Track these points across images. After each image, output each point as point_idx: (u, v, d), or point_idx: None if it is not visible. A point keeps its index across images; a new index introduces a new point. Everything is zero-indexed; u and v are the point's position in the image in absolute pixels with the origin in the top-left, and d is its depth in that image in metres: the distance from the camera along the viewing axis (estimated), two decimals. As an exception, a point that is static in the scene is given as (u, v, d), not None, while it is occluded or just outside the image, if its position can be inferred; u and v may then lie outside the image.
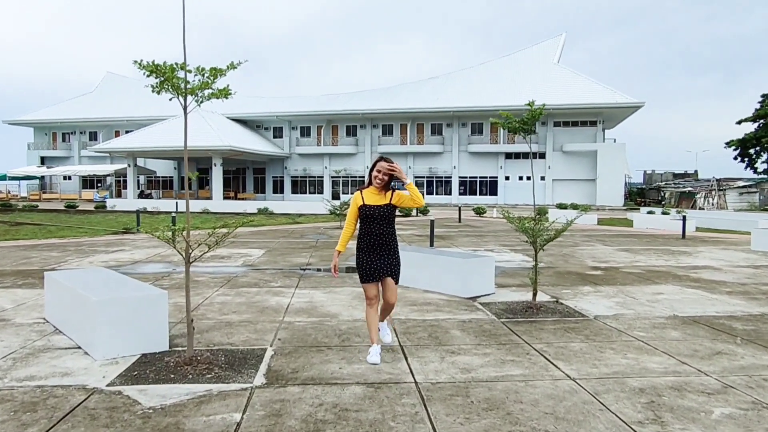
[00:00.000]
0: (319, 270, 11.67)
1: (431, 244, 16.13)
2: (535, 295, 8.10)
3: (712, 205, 48.36)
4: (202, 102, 5.35)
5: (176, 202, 35.49)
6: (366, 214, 5.39)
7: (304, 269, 11.78)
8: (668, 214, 27.05)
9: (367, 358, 5.49)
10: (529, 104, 7.83)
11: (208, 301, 8.41)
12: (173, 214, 17.60)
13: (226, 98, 5.48)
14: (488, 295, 9.04)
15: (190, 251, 5.51)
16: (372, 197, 5.41)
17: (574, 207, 31.90)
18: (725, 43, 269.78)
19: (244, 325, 6.96)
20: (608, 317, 7.54)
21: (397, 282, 5.55)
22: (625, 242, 18.14)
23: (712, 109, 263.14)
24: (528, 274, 10.96)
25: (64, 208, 35.64)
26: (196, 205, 34.74)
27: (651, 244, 17.57)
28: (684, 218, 19.60)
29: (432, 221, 16.61)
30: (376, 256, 5.41)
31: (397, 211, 5.58)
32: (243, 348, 5.95)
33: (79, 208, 35.85)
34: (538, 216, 8.09)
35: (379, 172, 5.34)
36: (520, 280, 10.53)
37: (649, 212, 27.89)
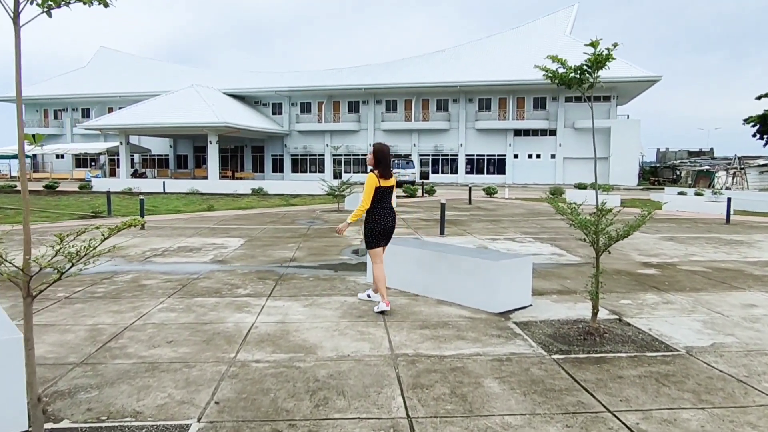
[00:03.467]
0: (303, 267, 9.35)
1: (441, 232, 13.79)
2: (595, 314, 5.79)
3: (737, 184, 45.83)
4: (51, 7, 2.98)
5: (163, 182, 33.10)
6: (380, 192, 6.51)
7: (286, 266, 9.48)
8: (702, 195, 24.62)
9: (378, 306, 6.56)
10: (592, 44, 5.46)
11: (141, 321, 6.11)
12: (141, 198, 15.23)
13: (106, 5, 3.14)
14: (524, 308, 6.74)
15: (29, 277, 3.14)
16: (384, 180, 6.53)
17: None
18: (731, 20, 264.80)
19: (173, 369, 4.66)
20: (706, 351, 5.23)
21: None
22: (664, 228, 15.76)
23: (721, 86, 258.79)
24: (568, 274, 8.66)
25: (42, 189, 33.30)
26: (185, 185, 32.37)
27: (694, 231, 15.22)
28: (729, 201, 17.19)
29: (443, 204, 14.26)
30: (384, 225, 6.58)
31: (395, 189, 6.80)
32: (150, 425, 3.66)
33: (59, 189, 33.51)
34: (603, 205, 5.76)
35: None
36: (558, 284, 8.22)
37: (680, 193, 25.48)
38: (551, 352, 5.17)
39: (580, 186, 29.86)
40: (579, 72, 5.65)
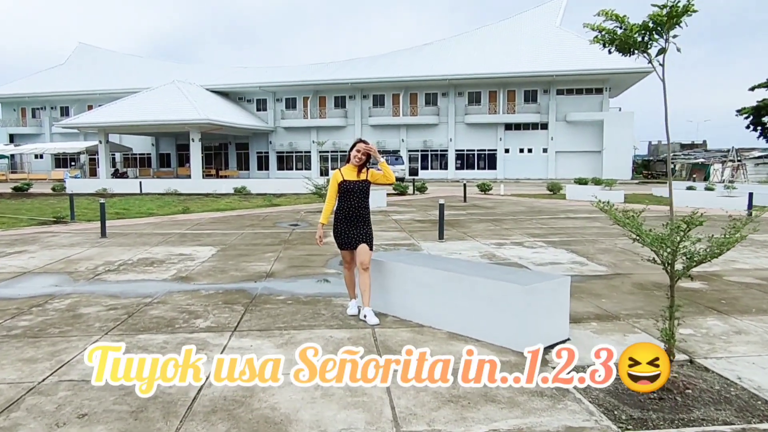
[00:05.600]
0: (281, 285, 7.78)
1: (440, 236, 12.28)
2: (670, 361, 4.29)
3: (737, 177, 44.59)
4: None
5: (140, 182, 31.31)
6: (345, 188, 5.98)
7: (262, 282, 7.91)
8: (713, 189, 23.23)
9: (347, 311, 6.30)
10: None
11: (56, 376, 4.54)
12: (102, 201, 13.57)
13: None
14: (562, 344, 5.24)
15: None
16: (350, 174, 6.00)
17: (597, 182, 27.82)
18: (715, 14, 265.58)
19: (71, 473, 3.11)
20: (836, 417, 3.75)
21: (371, 248, 6.08)
22: (683, 228, 14.31)
23: (707, 79, 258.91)
24: (600, 291, 7.13)
25: (7, 191, 31.47)
26: (163, 185, 30.62)
27: (719, 231, 13.78)
28: (750, 196, 15.78)
29: (441, 205, 12.71)
30: (353, 226, 6.00)
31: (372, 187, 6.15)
32: None
33: (30, 191, 31.72)
34: (692, 216, 4.28)
35: (358, 151, 5.96)
36: (593, 305, 6.73)
37: (689, 188, 24.06)
38: (621, 423, 3.66)
39: (581, 181, 28.27)
40: (644, 33, 4.12)
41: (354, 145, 6.03)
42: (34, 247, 11.49)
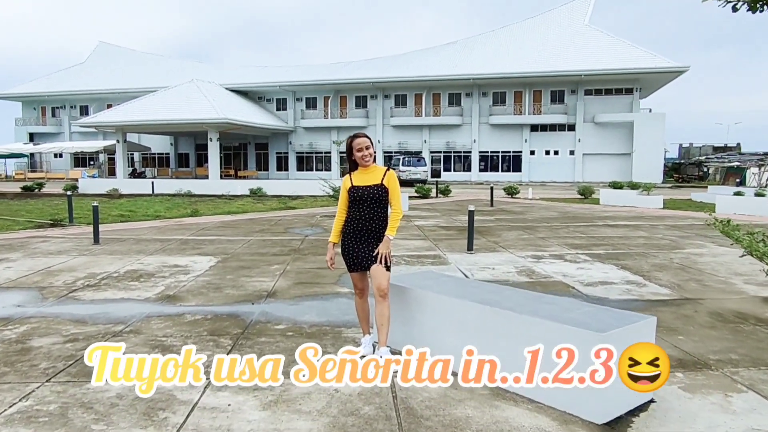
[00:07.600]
0: (282, 309, 6.48)
1: (469, 248, 10.91)
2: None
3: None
4: None
5: (152, 182, 30.26)
6: (355, 196, 4.76)
7: (260, 304, 6.63)
8: (763, 195, 21.56)
9: (359, 349, 4.82)
10: None
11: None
12: (94, 204, 12.41)
13: None
14: (644, 409, 3.88)
15: None
16: (361, 178, 4.78)
17: (633, 186, 26.09)
18: (742, 15, 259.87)
19: None
20: None
21: (389, 268, 4.71)
22: (740, 239, 12.80)
23: (736, 82, 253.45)
24: (671, 323, 5.71)
25: (12, 191, 30.62)
26: (176, 185, 29.54)
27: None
28: (814, 203, 14.18)
29: (471, 212, 11.33)
30: (364, 243, 4.77)
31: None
32: None
33: (42, 191, 30.86)
34: None
35: (359, 150, 4.72)
36: (668, 343, 5.32)
37: (737, 193, 22.40)
38: None
39: (616, 185, 26.50)
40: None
41: (350, 147, 4.75)
42: (17, 255, 10.34)
